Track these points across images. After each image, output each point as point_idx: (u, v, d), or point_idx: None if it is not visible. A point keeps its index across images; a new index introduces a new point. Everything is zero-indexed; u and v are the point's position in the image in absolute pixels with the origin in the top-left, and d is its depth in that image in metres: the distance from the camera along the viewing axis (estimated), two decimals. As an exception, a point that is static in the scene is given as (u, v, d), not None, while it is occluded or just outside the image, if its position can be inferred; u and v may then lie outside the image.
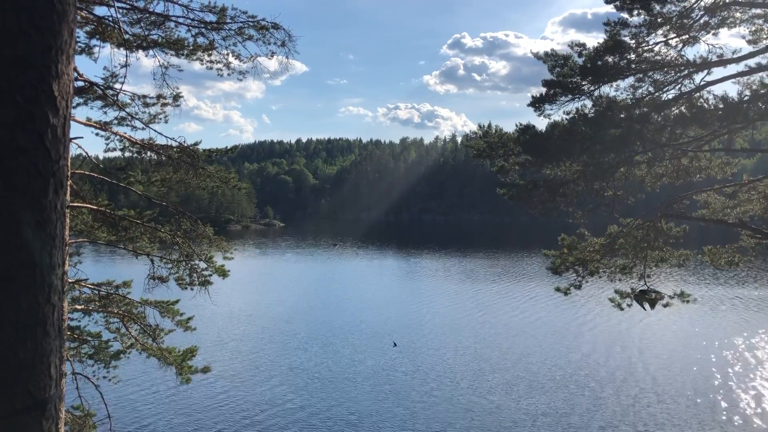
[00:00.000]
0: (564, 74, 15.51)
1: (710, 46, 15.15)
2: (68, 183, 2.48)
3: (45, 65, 2.20)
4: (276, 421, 33.37)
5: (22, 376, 2.20)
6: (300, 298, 70.29)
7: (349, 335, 51.80)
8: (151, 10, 13.90)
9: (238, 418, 33.80)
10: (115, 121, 15.57)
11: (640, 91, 15.76)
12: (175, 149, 15.90)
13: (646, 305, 17.69)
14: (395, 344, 47.54)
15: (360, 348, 47.85)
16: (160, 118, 15.89)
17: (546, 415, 33.99)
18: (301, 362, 44.27)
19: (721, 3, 14.88)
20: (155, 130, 15.68)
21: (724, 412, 34.35)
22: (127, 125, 15.66)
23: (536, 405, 35.56)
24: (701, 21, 15.12)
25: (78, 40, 13.74)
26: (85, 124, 15.09)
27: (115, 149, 15.84)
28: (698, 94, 15.39)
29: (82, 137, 14.97)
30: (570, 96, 15.63)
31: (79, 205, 15.36)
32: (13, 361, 2.17)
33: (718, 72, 15.64)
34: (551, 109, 15.91)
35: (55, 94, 2.24)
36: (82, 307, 16.87)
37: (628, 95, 15.78)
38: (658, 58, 15.46)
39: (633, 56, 15.39)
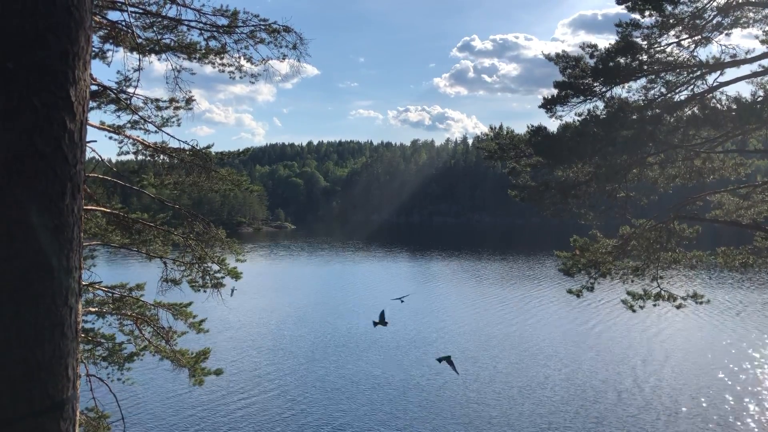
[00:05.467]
0: (575, 75, 15.47)
1: (723, 47, 15.06)
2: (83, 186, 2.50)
3: (62, 71, 2.22)
4: (289, 423, 33.41)
5: (40, 377, 2.22)
6: (312, 300, 70.33)
7: (359, 338, 51.77)
8: (164, 14, 14.01)
9: (252, 420, 33.88)
10: (129, 125, 15.68)
11: (652, 92, 15.68)
12: (187, 152, 15.99)
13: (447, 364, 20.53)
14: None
15: (370, 351, 47.83)
16: (173, 122, 15.99)
17: (556, 425, 33.82)
18: (314, 364, 44.30)
19: (734, 3, 14.78)
20: (168, 134, 15.80)
21: (736, 415, 34.04)
22: (140, 129, 15.79)
23: (545, 408, 35.38)
24: (714, 21, 15.03)
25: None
26: (99, 128, 15.21)
27: (128, 152, 15.98)
28: (711, 94, 15.29)
29: (95, 141, 15.10)
30: (582, 97, 15.58)
31: (93, 208, 15.48)
32: (32, 363, 2.20)
33: (731, 73, 15.53)
34: (563, 111, 15.87)
35: (72, 100, 2.26)
36: (96, 309, 16.99)
37: (640, 96, 15.71)
38: (671, 59, 15.37)
39: (645, 57, 15.32)
